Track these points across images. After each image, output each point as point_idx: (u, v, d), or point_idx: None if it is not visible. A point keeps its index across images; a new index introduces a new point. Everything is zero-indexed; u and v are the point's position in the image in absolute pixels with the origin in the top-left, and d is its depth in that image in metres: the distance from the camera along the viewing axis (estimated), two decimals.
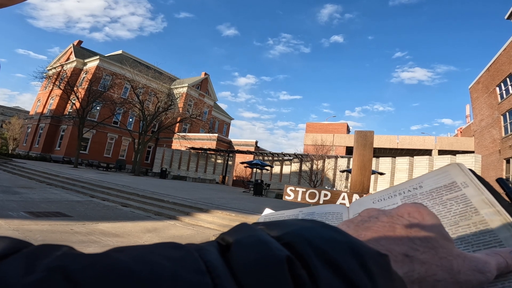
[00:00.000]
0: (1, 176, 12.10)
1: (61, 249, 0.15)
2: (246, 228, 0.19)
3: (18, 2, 0.35)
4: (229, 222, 7.39)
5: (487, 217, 0.29)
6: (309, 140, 28.36)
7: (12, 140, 40.90)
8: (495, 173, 19.76)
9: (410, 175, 18.52)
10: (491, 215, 0.29)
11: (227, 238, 0.18)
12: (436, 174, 0.36)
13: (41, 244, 0.15)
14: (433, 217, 0.24)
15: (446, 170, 0.36)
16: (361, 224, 0.24)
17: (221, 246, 0.18)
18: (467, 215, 0.30)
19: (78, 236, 4.70)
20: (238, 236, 0.18)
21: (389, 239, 0.21)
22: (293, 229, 0.18)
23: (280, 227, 0.19)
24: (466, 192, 0.32)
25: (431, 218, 0.24)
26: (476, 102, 23.26)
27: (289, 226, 0.19)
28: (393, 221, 0.23)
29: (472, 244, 0.28)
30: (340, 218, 0.42)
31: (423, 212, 0.24)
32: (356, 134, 2.59)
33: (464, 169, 0.35)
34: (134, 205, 8.57)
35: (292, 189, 2.71)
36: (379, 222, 0.23)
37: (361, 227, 0.24)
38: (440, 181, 0.35)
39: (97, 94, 25.35)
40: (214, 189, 17.74)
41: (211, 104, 43.66)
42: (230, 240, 0.18)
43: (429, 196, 0.34)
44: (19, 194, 8.13)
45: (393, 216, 0.24)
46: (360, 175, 2.49)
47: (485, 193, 0.31)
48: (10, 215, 5.53)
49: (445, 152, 23.62)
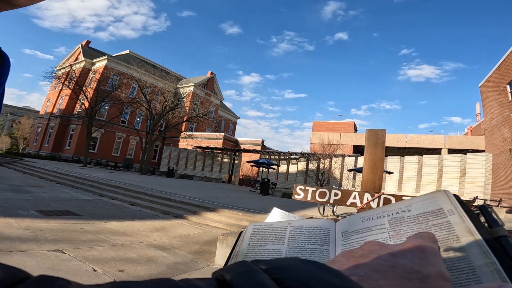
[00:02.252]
0: (12, 175, 12.31)
1: (58, 284, 0.15)
2: (246, 269, 0.19)
3: (38, 1, 0.35)
4: (236, 221, 7.38)
5: (465, 245, 0.30)
6: (316, 139, 28.21)
7: (22, 140, 41.56)
8: (505, 172, 19.39)
9: (419, 174, 18.27)
10: (469, 242, 0.30)
11: (226, 277, 0.18)
12: (424, 199, 0.38)
13: (38, 276, 0.15)
14: (436, 256, 0.24)
15: (434, 196, 0.37)
16: (361, 259, 0.24)
17: (220, 283, 0.18)
18: (448, 242, 0.31)
19: (88, 235, 4.74)
20: (239, 278, 0.18)
21: (389, 281, 0.21)
22: (294, 273, 0.18)
23: (282, 270, 0.19)
24: (451, 220, 0.33)
25: (434, 257, 0.23)
26: (487, 101, 22.84)
27: (290, 270, 0.19)
28: (395, 260, 0.23)
29: (448, 270, 0.28)
30: (327, 233, 0.42)
31: (427, 251, 0.24)
32: (367, 132, 2.54)
33: (450, 196, 0.36)
34: (142, 204, 8.63)
35: (302, 188, 2.67)
36: (379, 260, 0.23)
37: (362, 263, 0.23)
38: (428, 206, 0.36)
39: (105, 93, 25.59)
40: (221, 188, 17.78)
41: (217, 103, 43.75)
42: (230, 280, 0.18)
43: (415, 220, 0.36)
44: (29, 193, 8.25)
45: (395, 254, 0.23)
46: (371, 174, 2.44)
47: (467, 221, 0.32)
48: (21, 214, 5.60)
49: (455, 151, 23.25)
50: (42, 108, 36.32)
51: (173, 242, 5.07)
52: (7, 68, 0.42)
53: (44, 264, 3.24)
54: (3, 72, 0.42)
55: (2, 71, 0.42)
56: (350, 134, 30.69)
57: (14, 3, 0.32)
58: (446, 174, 17.15)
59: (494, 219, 0.32)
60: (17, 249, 3.60)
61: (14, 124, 45.39)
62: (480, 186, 15.67)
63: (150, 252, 4.29)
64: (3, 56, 0.42)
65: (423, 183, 18.05)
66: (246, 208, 8.79)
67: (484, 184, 15.65)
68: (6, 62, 0.42)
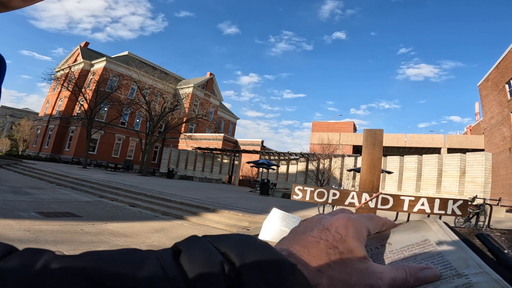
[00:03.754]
0: (12, 177, 12.31)
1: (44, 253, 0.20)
2: (195, 239, 0.24)
3: (32, 3, 0.35)
4: (236, 222, 7.39)
5: (473, 280, 0.25)
6: (315, 139, 28.23)
7: (22, 142, 41.55)
8: (505, 171, 19.41)
9: (419, 174, 18.28)
10: (477, 277, 0.25)
11: (179, 246, 0.23)
12: (406, 228, 0.33)
13: (24, 249, 0.20)
14: (355, 231, 0.27)
15: (415, 225, 0.33)
16: (297, 236, 0.27)
17: (175, 252, 0.22)
18: (448, 279, 0.26)
19: (88, 236, 4.75)
20: (188, 244, 0.23)
21: (311, 253, 0.25)
22: (230, 242, 0.23)
23: (221, 240, 0.23)
24: (442, 252, 0.29)
25: (353, 232, 0.27)
26: (486, 100, 22.88)
27: (228, 239, 0.23)
28: (321, 236, 0.26)
29: None
30: None
31: (348, 226, 0.27)
32: (365, 132, 2.56)
33: (434, 226, 0.32)
34: (142, 205, 8.63)
35: (300, 189, 2.69)
36: (310, 236, 0.26)
37: (296, 239, 0.27)
38: (412, 238, 0.32)
39: (105, 95, 25.60)
40: (221, 188, 17.78)
41: (216, 104, 43.77)
42: (181, 248, 0.22)
43: (400, 254, 0.31)
44: (29, 195, 8.25)
45: (322, 230, 0.27)
46: (369, 174, 2.46)
47: (468, 253, 0.27)
48: (21, 215, 5.61)
49: (455, 151, 23.28)
50: (42, 109, 36.33)
51: (173, 243, 5.00)
52: (3, 70, 0.42)
53: None
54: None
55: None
56: (349, 134, 30.72)
57: (8, 6, 0.32)
58: (446, 174, 17.16)
59: (498, 248, 0.28)
60: None
61: (14, 126, 45.38)
62: (480, 185, 15.68)
63: None
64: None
65: (423, 183, 18.07)
66: (246, 209, 8.81)
67: (484, 183, 15.65)
68: (2, 63, 0.42)
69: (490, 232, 5.51)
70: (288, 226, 4.89)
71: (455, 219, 8.22)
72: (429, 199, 2.34)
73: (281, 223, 4.92)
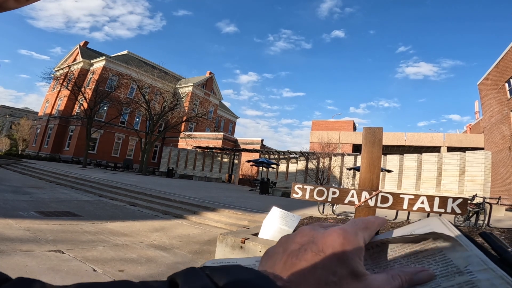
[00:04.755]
0: (12, 177, 12.31)
1: (35, 286, 0.19)
2: (193, 272, 0.22)
3: (27, 4, 0.35)
4: (236, 221, 7.39)
5: (478, 276, 0.25)
6: (315, 138, 28.24)
7: (21, 141, 41.54)
8: (505, 169, 19.44)
9: (418, 172, 18.29)
10: (482, 273, 0.25)
11: (176, 278, 0.22)
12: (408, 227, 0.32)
13: (17, 279, 0.19)
14: (353, 249, 0.25)
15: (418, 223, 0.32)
16: (289, 259, 0.25)
17: (171, 285, 0.21)
18: (449, 277, 0.26)
19: (88, 236, 4.75)
20: (185, 278, 0.21)
21: (308, 283, 0.23)
22: (232, 279, 0.21)
23: (221, 274, 0.22)
24: (444, 249, 0.28)
25: (351, 251, 0.25)
26: (485, 99, 22.88)
27: (228, 274, 0.22)
28: (316, 260, 0.24)
29: None
30: None
31: (345, 245, 0.25)
32: (364, 130, 2.56)
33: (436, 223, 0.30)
34: (142, 204, 8.64)
35: (300, 187, 2.68)
36: (303, 261, 0.24)
37: (288, 263, 0.25)
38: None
39: (104, 94, 25.59)
40: (221, 187, 17.79)
41: (216, 103, 43.75)
42: (178, 281, 0.21)
43: (401, 251, 0.31)
44: (29, 194, 8.25)
45: (317, 253, 0.25)
46: (369, 172, 2.46)
47: (472, 249, 0.27)
48: (21, 215, 5.61)
49: (454, 149, 23.30)
50: (41, 109, 36.29)
51: (173, 242, 5.08)
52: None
53: (45, 264, 3.25)
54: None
55: None
56: (349, 132, 30.73)
57: (4, 6, 0.33)
58: (446, 172, 17.17)
59: (501, 246, 0.28)
60: (17, 250, 3.61)
61: (13, 125, 45.36)
62: (479, 184, 15.69)
63: (150, 252, 4.30)
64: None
65: (422, 181, 18.08)
66: (246, 208, 8.81)
67: (483, 182, 15.66)
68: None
69: (489, 230, 5.52)
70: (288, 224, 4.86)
71: (455, 218, 8.23)
72: (428, 197, 2.34)
73: (281, 222, 4.90)
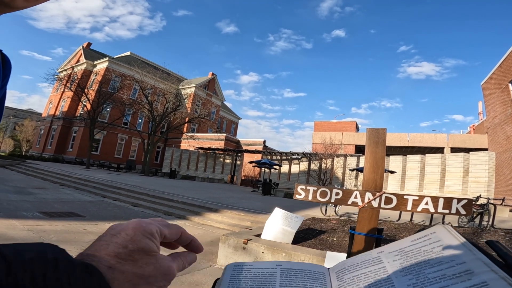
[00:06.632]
0: (15, 177, 12.37)
1: None
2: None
3: (36, 3, 0.35)
4: (239, 222, 7.38)
5: (482, 277, 0.26)
6: (318, 139, 28.17)
7: (25, 142, 41.78)
8: (509, 170, 19.27)
9: (421, 173, 18.18)
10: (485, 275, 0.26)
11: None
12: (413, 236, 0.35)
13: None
14: (144, 231, 0.31)
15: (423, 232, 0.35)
16: (94, 243, 0.30)
17: None
18: (454, 279, 0.27)
19: (91, 236, 4.76)
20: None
21: (101, 254, 0.28)
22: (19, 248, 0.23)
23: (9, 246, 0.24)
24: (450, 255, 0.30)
25: (142, 233, 0.31)
26: (489, 99, 22.72)
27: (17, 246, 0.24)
28: (112, 239, 0.30)
29: None
30: (320, 278, 0.39)
31: (137, 229, 0.31)
32: (368, 131, 2.54)
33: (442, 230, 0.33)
34: (144, 205, 8.65)
35: (303, 188, 2.67)
36: (102, 241, 0.30)
37: (93, 245, 0.30)
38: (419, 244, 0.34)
39: (107, 95, 25.68)
40: (223, 188, 17.79)
41: (218, 104, 43.79)
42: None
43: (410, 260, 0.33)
44: (33, 195, 8.29)
45: (114, 235, 0.31)
46: (372, 173, 2.45)
47: (476, 253, 0.28)
48: (25, 215, 5.64)
49: (458, 150, 23.15)
50: (45, 110, 36.50)
51: None
52: (8, 71, 0.42)
53: None
54: (4, 74, 0.42)
55: (4, 73, 0.42)
56: (352, 133, 30.63)
57: (12, 6, 0.33)
58: (449, 173, 17.06)
59: (506, 253, 0.28)
60: None
61: (17, 126, 45.66)
62: (483, 184, 15.57)
63: None
64: (4, 58, 0.41)
65: (426, 182, 17.98)
66: (248, 209, 8.80)
67: (487, 183, 15.54)
68: (7, 64, 0.42)
69: (494, 231, 5.47)
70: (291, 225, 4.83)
71: (459, 218, 8.17)
72: (433, 198, 2.32)
73: (284, 223, 4.87)
